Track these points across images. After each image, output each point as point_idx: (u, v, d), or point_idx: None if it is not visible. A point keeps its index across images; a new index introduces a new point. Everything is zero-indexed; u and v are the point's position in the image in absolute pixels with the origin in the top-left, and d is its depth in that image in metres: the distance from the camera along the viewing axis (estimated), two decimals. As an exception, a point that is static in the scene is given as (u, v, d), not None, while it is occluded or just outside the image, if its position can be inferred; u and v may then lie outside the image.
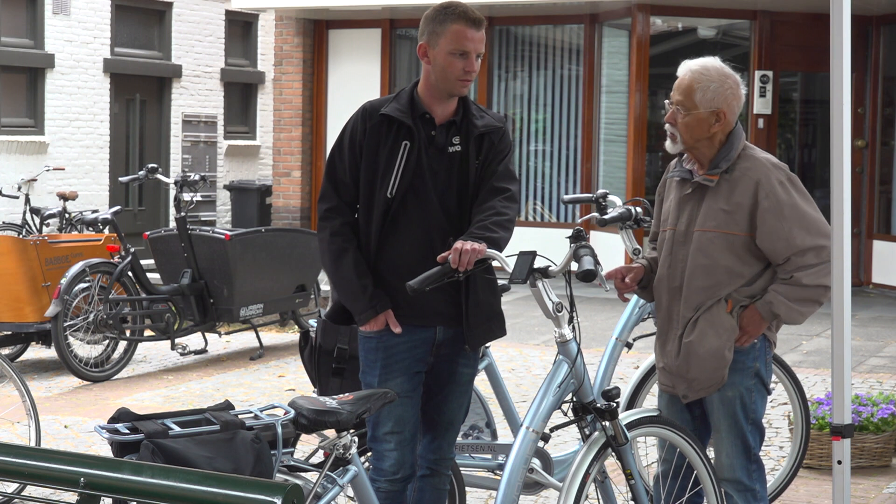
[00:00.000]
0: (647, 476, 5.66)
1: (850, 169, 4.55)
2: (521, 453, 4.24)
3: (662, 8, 13.93)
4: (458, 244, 4.13)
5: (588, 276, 4.10)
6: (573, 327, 4.31)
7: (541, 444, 5.17)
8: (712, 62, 4.55)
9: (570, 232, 4.35)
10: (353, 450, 3.84)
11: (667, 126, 4.55)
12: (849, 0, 4.50)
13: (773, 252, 4.44)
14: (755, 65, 13.76)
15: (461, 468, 5.03)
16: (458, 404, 4.47)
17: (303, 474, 3.90)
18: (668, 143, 4.57)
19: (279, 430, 3.66)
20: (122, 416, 3.60)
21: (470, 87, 4.39)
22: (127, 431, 3.52)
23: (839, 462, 4.56)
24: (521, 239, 4.13)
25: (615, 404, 4.26)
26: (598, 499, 4.45)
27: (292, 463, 3.79)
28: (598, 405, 4.25)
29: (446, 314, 4.35)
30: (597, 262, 4.17)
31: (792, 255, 4.42)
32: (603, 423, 4.25)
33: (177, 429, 3.55)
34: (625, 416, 4.39)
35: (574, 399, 4.34)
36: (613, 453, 4.28)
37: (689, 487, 4.64)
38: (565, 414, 4.37)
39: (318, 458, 4.10)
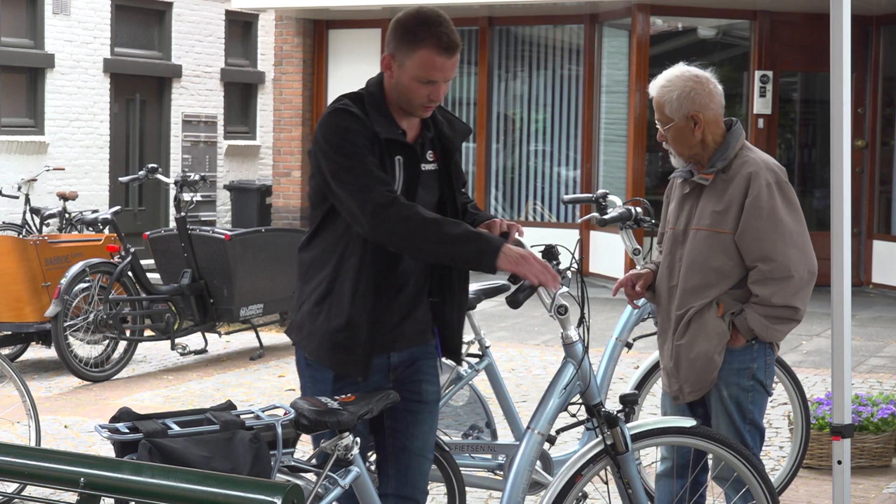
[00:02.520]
0: (647, 476, 5.66)
1: (850, 169, 4.55)
2: (527, 456, 4.20)
3: (662, 8, 13.93)
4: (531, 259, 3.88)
5: (511, 304, 3.94)
6: (581, 329, 4.23)
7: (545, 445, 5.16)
8: (676, 71, 4.56)
9: (570, 232, 4.32)
10: (355, 451, 3.83)
11: (663, 144, 4.61)
12: (849, 0, 4.50)
13: (745, 252, 4.45)
14: (755, 65, 13.75)
15: (461, 468, 5.03)
16: (429, 427, 4.07)
17: (304, 475, 3.89)
18: (671, 159, 4.65)
19: (279, 430, 3.65)
20: (123, 415, 3.59)
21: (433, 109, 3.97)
22: (127, 431, 3.52)
23: (839, 462, 4.56)
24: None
25: (627, 410, 4.17)
26: (608, 499, 4.43)
27: (293, 463, 3.79)
28: (602, 410, 4.16)
29: (407, 335, 4.03)
30: (532, 290, 3.95)
31: (759, 262, 4.41)
32: (603, 429, 4.13)
33: (176, 428, 3.54)
34: (648, 423, 4.26)
35: (582, 400, 4.27)
36: (612, 461, 4.14)
37: (691, 488, 4.64)
38: (573, 416, 4.32)
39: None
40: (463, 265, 3.94)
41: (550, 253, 4.20)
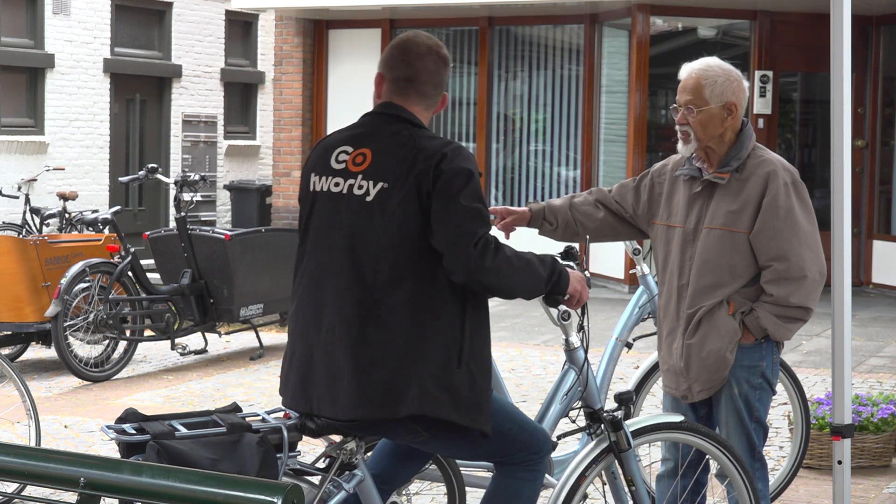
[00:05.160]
0: (648, 477, 5.66)
1: (850, 169, 4.56)
2: None
3: (662, 8, 13.93)
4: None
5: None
6: (582, 334, 4.24)
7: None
8: (713, 60, 4.57)
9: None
10: (360, 455, 3.82)
11: (678, 127, 4.53)
12: (849, 0, 4.50)
13: (760, 251, 4.44)
14: (755, 65, 13.75)
15: (461, 468, 5.03)
16: None
17: (309, 478, 3.89)
18: (679, 146, 4.54)
19: (285, 434, 3.65)
20: (130, 416, 3.60)
21: None
22: (133, 432, 3.52)
23: (839, 462, 4.56)
24: (521, 239, 4.08)
25: (623, 410, 4.20)
26: (604, 499, 4.44)
27: (298, 466, 3.78)
28: (605, 414, 4.18)
29: None
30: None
31: (774, 262, 4.41)
32: (608, 430, 4.17)
33: (183, 430, 3.54)
34: (641, 421, 4.31)
35: (583, 406, 4.27)
36: (616, 459, 4.20)
37: (691, 487, 4.64)
38: (573, 421, 4.33)
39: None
40: (540, 294, 3.85)
41: (570, 254, 4.21)
